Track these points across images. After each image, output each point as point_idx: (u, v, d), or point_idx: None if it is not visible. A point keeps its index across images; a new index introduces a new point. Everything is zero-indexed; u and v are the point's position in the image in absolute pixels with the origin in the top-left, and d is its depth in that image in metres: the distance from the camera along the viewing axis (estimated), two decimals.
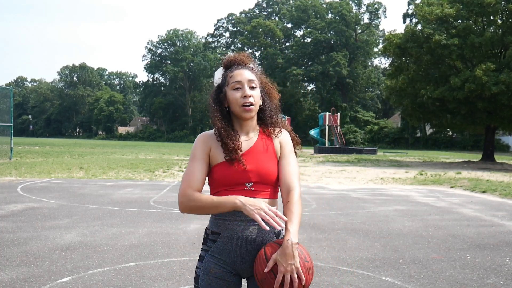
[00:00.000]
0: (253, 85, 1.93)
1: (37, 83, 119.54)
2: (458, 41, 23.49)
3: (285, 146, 1.98)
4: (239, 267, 1.88)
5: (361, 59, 67.71)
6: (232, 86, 1.92)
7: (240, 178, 1.86)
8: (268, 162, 1.91)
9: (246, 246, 1.86)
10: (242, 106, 1.90)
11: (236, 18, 77.53)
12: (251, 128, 1.97)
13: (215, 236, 1.90)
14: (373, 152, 35.70)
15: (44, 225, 6.63)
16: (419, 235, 6.51)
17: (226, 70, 2.01)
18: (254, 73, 1.97)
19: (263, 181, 1.88)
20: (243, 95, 1.89)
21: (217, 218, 1.90)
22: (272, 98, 2.06)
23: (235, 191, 1.86)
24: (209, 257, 1.89)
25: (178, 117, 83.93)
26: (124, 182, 12.92)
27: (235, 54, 2.04)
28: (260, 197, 1.87)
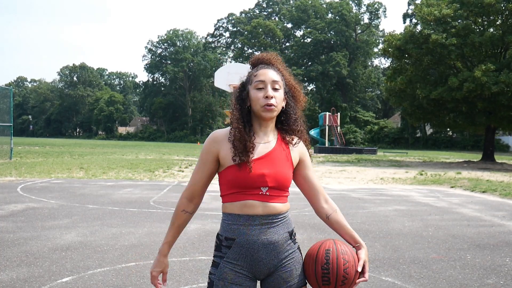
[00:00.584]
0: (276, 86, 1.90)
1: (37, 83, 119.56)
2: (457, 41, 23.49)
3: (306, 156, 2.00)
4: (256, 270, 1.89)
5: (361, 59, 67.71)
6: (255, 85, 1.90)
7: (256, 181, 1.85)
8: (285, 168, 1.90)
9: (262, 250, 1.86)
10: (263, 106, 1.87)
11: (236, 18, 77.53)
12: (270, 130, 1.95)
13: (230, 242, 1.88)
14: (373, 152, 35.69)
15: (44, 225, 6.63)
16: (419, 235, 6.51)
17: (253, 68, 1.97)
18: (280, 74, 1.94)
19: (279, 187, 1.88)
20: (265, 95, 1.87)
21: (230, 223, 1.89)
22: (298, 101, 2.01)
23: (249, 194, 1.85)
24: (224, 263, 1.88)
25: (178, 117, 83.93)
26: (124, 182, 12.92)
27: (263, 53, 2.01)
28: (274, 201, 1.87)
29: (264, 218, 1.86)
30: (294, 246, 1.94)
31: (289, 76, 2.00)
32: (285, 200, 1.93)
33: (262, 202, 1.86)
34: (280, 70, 1.97)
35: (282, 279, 1.89)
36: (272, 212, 1.88)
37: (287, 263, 1.90)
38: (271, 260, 1.88)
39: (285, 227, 1.91)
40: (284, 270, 1.89)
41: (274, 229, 1.88)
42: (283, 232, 1.90)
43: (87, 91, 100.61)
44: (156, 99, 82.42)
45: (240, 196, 1.86)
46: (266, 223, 1.86)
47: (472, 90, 22.61)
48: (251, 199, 1.85)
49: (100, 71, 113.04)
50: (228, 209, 1.89)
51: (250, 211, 1.85)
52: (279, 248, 1.88)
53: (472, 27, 24.82)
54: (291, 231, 1.94)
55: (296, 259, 1.93)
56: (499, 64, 23.66)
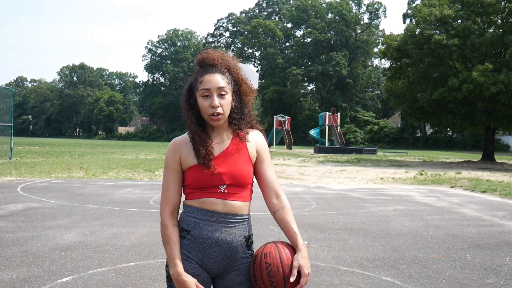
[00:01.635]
0: (222, 93, 1.86)
1: (37, 83, 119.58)
2: (458, 41, 23.50)
3: (262, 150, 1.97)
4: (207, 267, 1.88)
5: (361, 59, 67.74)
6: (201, 93, 1.86)
7: (213, 181, 1.86)
8: (242, 164, 1.89)
9: (215, 247, 1.86)
10: (210, 116, 1.85)
11: (236, 18, 77.56)
12: (224, 131, 1.94)
13: (185, 233, 1.89)
14: (373, 152, 35.70)
15: (44, 225, 6.63)
16: (419, 235, 6.51)
17: (199, 71, 1.93)
18: (226, 76, 1.89)
19: (237, 184, 1.88)
20: (211, 105, 1.84)
21: (188, 215, 1.91)
22: (245, 96, 1.97)
23: (208, 193, 1.87)
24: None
25: (178, 117, 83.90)
26: (124, 182, 12.92)
27: (208, 52, 1.94)
28: (234, 199, 1.87)
29: (222, 216, 1.86)
30: (248, 252, 1.93)
31: (236, 70, 1.95)
32: (246, 198, 1.91)
33: (222, 200, 1.86)
34: (227, 68, 1.92)
35: (236, 282, 1.89)
36: (231, 211, 1.87)
37: (240, 267, 1.90)
38: (222, 260, 1.87)
39: (241, 230, 1.90)
40: (237, 274, 1.90)
41: (230, 230, 1.87)
42: (239, 235, 1.89)
43: (87, 91, 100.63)
44: (156, 99, 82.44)
45: (200, 194, 1.88)
46: (223, 221, 1.86)
47: (471, 90, 22.62)
48: (210, 197, 1.86)
49: (100, 71, 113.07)
50: (188, 202, 1.91)
51: (209, 207, 1.86)
52: (232, 250, 1.88)
53: (472, 28, 24.82)
54: (247, 236, 1.93)
55: (249, 265, 1.92)
56: (498, 64, 23.66)
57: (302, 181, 14.38)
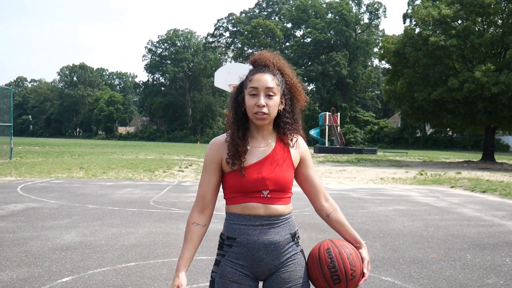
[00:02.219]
0: (270, 93, 1.85)
1: (37, 83, 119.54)
2: (457, 42, 23.48)
3: (306, 156, 1.99)
4: (256, 270, 1.88)
5: (361, 59, 67.73)
6: (249, 91, 1.86)
7: (256, 185, 1.85)
8: (285, 170, 1.89)
9: (262, 250, 1.86)
10: (255, 114, 1.85)
11: (236, 18, 77.55)
12: (268, 134, 1.93)
13: (231, 241, 1.89)
14: (373, 152, 35.69)
15: (44, 225, 6.63)
16: (419, 235, 6.51)
17: (250, 70, 1.93)
18: (277, 77, 1.88)
19: (280, 189, 1.88)
20: (257, 104, 1.83)
21: (232, 223, 1.90)
22: (297, 102, 1.97)
23: (251, 197, 1.86)
24: (225, 261, 1.89)
25: (178, 117, 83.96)
26: (124, 182, 12.92)
27: (262, 53, 1.94)
28: (276, 203, 1.87)
29: (265, 219, 1.86)
30: (296, 249, 1.93)
31: (290, 74, 1.94)
32: (287, 202, 1.92)
33: (264, 204, 1.86)
34: (280, 70, 1.91)
35: (282, 279, 1.88)
36: (274, 214, 1.87)
37: (288, 264, 1.89)
38: (271, 261, 1.87)
39: (287, 228, 1.90)
40: (284, 271, 1.88)
41: (275, 230, 1.87)
42: (285, 233, 1.89)
43: (87, 91, 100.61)
44: (156, 99, 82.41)
45: (242, 199, 1.87)
46: (267, 223, 1.86)
47: (472, 90, 22.62)
48: (252, 202, 1.86)
49: (100, 71, 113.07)
50: (230, 209, 1.90)
51: (251, 212, 1.86)
52: (280, 249, 1.88)
53: (472, 28, 24.81)
54: (293, 233, 1.93)
55: (298, 261, 1.91)
56: (499, 64, 23.66)
57: None
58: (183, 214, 7.78)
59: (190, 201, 9.39)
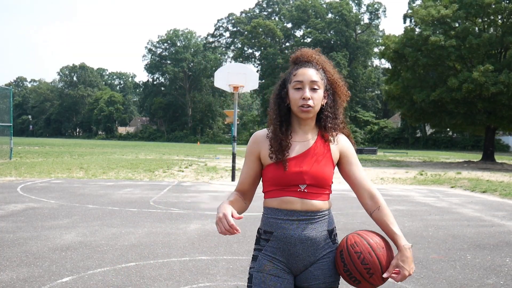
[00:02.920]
0: (315, 87, 1.88)
1: (37, 83, 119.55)
2: (456, 42, 23.48)
3: (348, 152, 1.98)
4: (292, 265, 1.88)
5: (361, 59, 67.75)
6: (293, 85, 1.89)
7: (294, 179, 1.86)
8: (324, 165, 1.89)
9: (299, 245, 1.86)
10: (300, 107, 1.87)
11: (236, 18, 77.56)
12: (310, 129, 1.94)
13: (268, 235, 1.90)
14: (373, 152, 35.70)
15: (44, 225, 6.63)
16: (419, 235, 6.51)
17: (293, 66, 1.96)
18: (320, 72, 1.92)
19: (318, 184, 1.87)
20: (302, 97, 1.86)
21: (269, 217, 1.90)
22: (338, 98, 2.00)
23: (287, 191, 1.87)
24: (262, 255, 1.89)
25: (178, 117, 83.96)
26: (124, 182, 12.92)
27: (303, 50, 1.97)
28: (313, 198, 1.87)
29: (302, 214, 1.86)
30: (332, 246, 1.92)
31: (331, 71, 1.97)
32: (325, 198, 1.91)
33: (301, 198, 1.86)
34: (321, 67, 1.95)
35: (313, 275, 1.88)
36: (311, 209, 1.87)
37: (322, 261, 1.89)
38: (307, 257, 1.87)
39: (324, 224, 1.90)
40: (317, 267, 1.88)
41: (313, 225, 1.87)
42: (322, 229, 1.89)
43: (87, 91, 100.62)
44: (156, 99, 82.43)
45: (279, 193, 1.87)
46: (304, 219, 1.86)
47: (471, 90, 22.62)
48: (289, 196, 1.86)
49: (100, 71, 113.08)
50: (268, 203, 1.91)
51: (288, 206, 1.86)
52: (316, 245, 1.87)
53: (471, 29, 24.81)
54: (331, 229, 1.93)
55: (333, 259, 1.91)
56: (498, 64, 23.65)
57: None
58: (183, 214, 7.78)
59: (190, 201, 9.40)
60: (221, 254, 5.24)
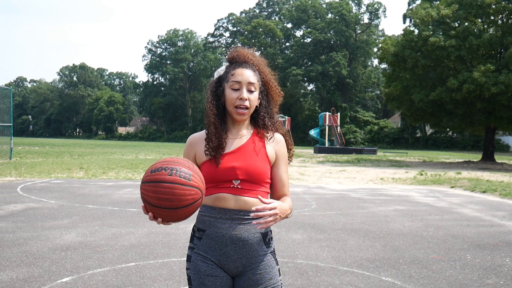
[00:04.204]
0: (252, 88, 1.90)
1: (37, 83, 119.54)
2: (456, 42, 23.48)
3: (278, 154, 1.97)
4: (224, 266, 1.87)
5: (361, 59, 67.73)
6: (231, 85, 1.89)
7: (227, 175, 1.86)
8: (257, 161, 1.89)
9: (230, 245, 1.85)
10: (236, 107, 1.87)
11: (236, 18, 77.58)
12: (244, 127, 1.95)
13: (201, 233, 1.90)
14: (373, 152, 35.69)
15: (44, 225, 6.63)
16: (419, 235, 6.51)
17: (230, 65, 1.96)
18: (256, 73, 1.93)
19: (251, 180, 1.87)
20: (240, 97, 1.87)
21: (203, 215, 1.91)
22: (272, 98, 2.00)
23: (222, 188, 1.86)
24: (195, 255, 1.89)
25: (178, 117, 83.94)
26: (124, 182, 12.92)
27: (240, 49, 1.97)
28: (246, 195, 1.86)
29: (235, 213, 1.85)
30: (266, 250, 1.90)
31: (266, 71, 1.98)
32: (261, 195, 1.89)
33: (234, 195, 1.86)
34: (257, 68, 1.95)
35: (253, 281, 1.87)
36: (244, 207, 1.86)
37: (257, 265, 1.87)
38: (239, 258, 1.86)
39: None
40: (254, 272, 1.87)
41: (245, 227, 1.86)
42: (255, 231, 1.87)
43: (87, 91, 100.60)
44: (156, 99, 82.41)
45: (214, 190, 1.87)
46: (237, 218, 1.85)
47: (471, 91, 22.61)
48: (223, 192, 1.86)
49: (100, 71, 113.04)
50: (204, 201, 1.90)
51: (222, 204, 1.86)
52: (248, 247, 1.86)
53: (471, 29, 24.81)
54: (265, 233, 1.91)
55: (268, 262, 1.89)
56: (498, 64, 23.64)
57: (302, 181, 14.37)
58: None
59: None
60: None
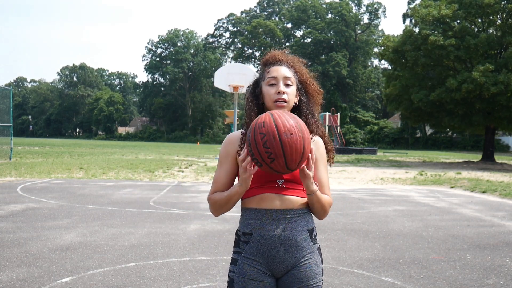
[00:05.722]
0: (288, 82, 1.92)
1: (37, 84, 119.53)
2: (455, 42, 23.48)
3: (317, 156, 1.95)
4: (273, 267, 1.86)
5: (361, 59, 67.76)
6: (267, 82, 1.93)
7: (271, 175, 1.85)
8: None
9: (279, 246, 1.84)
10: (275, 102, 1.89)
11: (236, 18, 77.59)
12: None
13: (247, 237, 1.88)
14: (373, 152, 35.69)
15: (44, 225, 6.63)
16: (419, 235, 6.51)
17: (265, 67, 1.99)
18: (292, 70, 1.97)
19: (295, 180, 1.87)
20: (277, 91, 1.89)
21: (247, 218, 1.89)
22: (311, 95, 2.02)
23: (266, 188, 1.87)
24: (242, 259, 1.87)
25: (178, 118, 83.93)
26: (124, 182, 12.92)
27: (273, 52, 2.02)
28: (291, 194, 1.87)
29: (282, 213, 1.85)
30: (313, 246, 1.91)
31: (302, 71, 2.00)
32: (303, 194, 1.90)
33: (279, 194, 1.86)
34: (292, 66, 1.99)
35: (297, 279, 1.86)
36: (290, 206, 1.86)
37: (304, 263, 1.87)
38: (288, 258, 1.85)
39: (304, 224, 1.88)
40: (300, 270, 1.86)
41: (292, 225, 1.86)
42: (302, 229, 1.88)
43: (87, 91, 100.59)
44: (156, 99, 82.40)
45: (257, 190, 1.87)
46: (284, 217, 1.85)
47: (471, 90, 22.60)
48: (267, 192, 1.86)
49: (100, 71, 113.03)
50: (246, 204, 1.90)
51: (267, 205, 1.85)
52: (297, 246, 1.86)
53: (470, 29, 24.81)
54: (311, 229, 1.92)
55: (314, 260, 1.90)
56: (497, 64, 23.62)
57: None
58: (183, 215, 7.78)
59: (190, 201, 9.39)
60: (221, 254, 5.24)
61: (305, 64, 2.05)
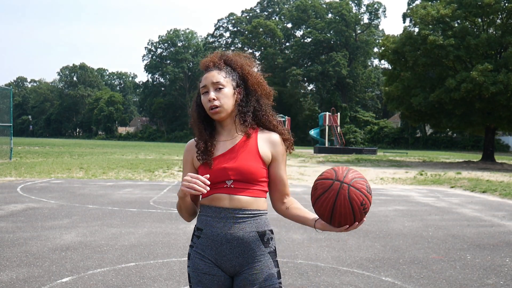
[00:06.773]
0: (219, 87, 1.91)
1: (37, 83, 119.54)
2: (454, 42, 23.47)
3: (274, 154, 1.96)
4: (221, 265, 1.88)
5: (361, 59, 67.75)
6: (201, 91, 1.95)
7: (219, 176, 1.88)
8: (249, 160, 1.89)
9: (225, 244, 1.86)
10: (210, 110, 1.91)
11: (236, 18, 77.61)
12: (233, 128, 1.95)
13: (199, 232, 1.93)
14: (373, 152, 35.69)
15: (44, 225, 6.63)
16: (419, 235, 6.51)
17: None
18: (222, 72, 1.93)
19: (244, 179, 1.88)
20: (208, 99, 1.91)
21: (201, 214, 1.95)
22: (253, 90, 1.97)
23: (216, 189, 1.89)
24: (194, 253, 1.92)
25: (178, 118, 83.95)
26: (124, 182, 12.92)
27: (206, 57, 2.03)
28: (241, 194, 1.88)
29: (230, 212, 1.87)
30: (264, 249, 1.89)
31: (241, 66, 1.97)
32: (255, 194, 1.89)
33: (228, 194, 1.88)
34: (227, 64, 1.97)
35: (249, 281, 1.86)
36: (238, 206, 1.86)
37: (254, 265, 1.87)
38: (235, 257, 1.86)
39: (253, 225, 1.88)
40: (251, 272, 1.86)
41: (240, 225, 1.86)
42: (250, 230, 1.87)
43: (87, 91, 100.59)
44: (156, 99, 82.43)
45: (209, 191, 1.88)
46: (232, 217, 1.87)
47: (470, 90, 22.59)
48: (217, 192, 1.89)
49: (100, 71, 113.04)
50: (202, 201, 1.95)
51: (217, 203, 1.89)
52: (244, 246, 1.86)
53: (470, 29, 24.80)
54: (262, 231, 1.90)
55: (265, 263, 1.88)
56: (496, 64, 23.61)
57: (302, 181, 14.37)
58: None
59: None
60: None
61: (249, 58, 2.01)
